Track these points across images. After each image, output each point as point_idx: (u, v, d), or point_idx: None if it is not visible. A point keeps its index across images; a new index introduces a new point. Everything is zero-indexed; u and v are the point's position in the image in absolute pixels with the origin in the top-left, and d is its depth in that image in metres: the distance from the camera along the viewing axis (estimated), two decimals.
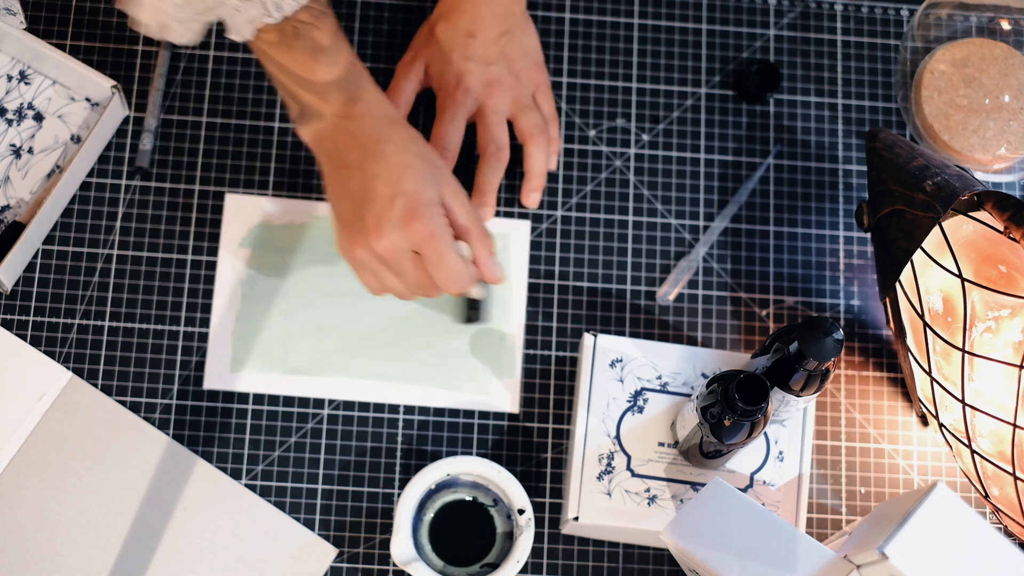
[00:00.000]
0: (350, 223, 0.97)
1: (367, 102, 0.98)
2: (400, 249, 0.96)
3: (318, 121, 0.98)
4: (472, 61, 1.13)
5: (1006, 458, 1.05)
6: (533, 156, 1.14)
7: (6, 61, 1.15)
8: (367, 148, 0.97)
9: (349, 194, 0.97)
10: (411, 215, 0.95)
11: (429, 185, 0.97)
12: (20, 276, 1.11)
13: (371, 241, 0.96)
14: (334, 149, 0.98)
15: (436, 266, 0.97)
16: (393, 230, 0.95)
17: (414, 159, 0.97)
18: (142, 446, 1.08)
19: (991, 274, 1.07)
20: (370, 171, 0.96)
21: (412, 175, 0.96)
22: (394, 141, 0.98)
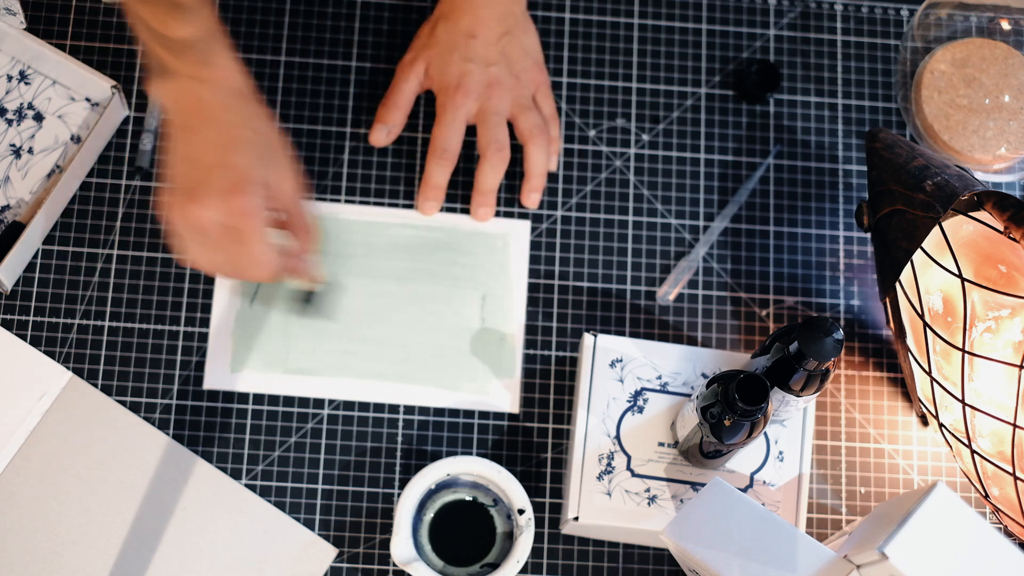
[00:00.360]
0: (176, 184, 0.95)
1: (219, 68, 0.96)
2: (213, 220, 0.93)
3: (169, 79, 0.96)
4: (472, 62, 1.13)
5: (1006, 458, 1.05)
6: (533, 156, 1.14)
7: (6, 61, 1.15)
8: (208, 114, 0.95)
9: (183, 156, 0.95)
10: (232, 188, 0.93)
11: (259, 163, 0.95)
12: (20, 276, 1.11)
13: (189, 206, 0.93)
14: (178, 110, 0.96)
15: (240, 247, 0.94)
16: (211, 199, 0.93)
17: (251, 135, 0.96)
18: (142, 446, 1.08)
19: (991, 274, 1.07)
20: (205, 136, 0.95)
21: (244, 149, 0.94)
22: (237, 112, 0.96)
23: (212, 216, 0.93)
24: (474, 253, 1.14)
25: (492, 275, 1.14)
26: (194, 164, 0.94)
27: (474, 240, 1.15)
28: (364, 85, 1.18)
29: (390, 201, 1.15)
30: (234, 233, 0.94)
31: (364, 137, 1.17)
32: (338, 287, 1.10)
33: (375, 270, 1.13)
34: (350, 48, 1.19)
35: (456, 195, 1.16)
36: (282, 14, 1.19)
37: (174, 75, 0.96)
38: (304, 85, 1.17)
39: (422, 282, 1.13)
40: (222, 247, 0.95)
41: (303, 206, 0.99)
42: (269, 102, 1.16)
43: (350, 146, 1.16)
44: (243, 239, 0.94)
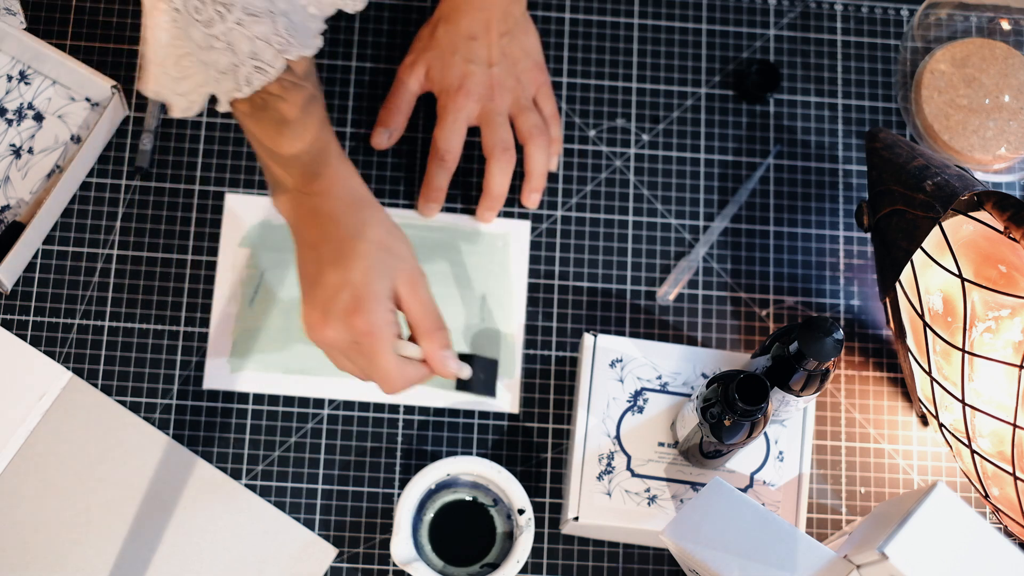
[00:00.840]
0: (309, 304, 0.96)
1: (329, 179, 0.96)
2: (343, 340, 0.95)
3: (284, 193, 0.98)
4: (474, 63, 1.13)
5: (1006, 458, 1.05)
6: (533, 156, 1.14)
7: (6, 61, 1.15)
8: (324, 229, 0.96)
9: (306, 275, 0.96)
10: (355, 309, 0.93)
11: (380, 277, 0.94)
12: (20, 276, 1.11)
13: (321, 329, 0.94)
14: (296, 224, 0.98)
15: (369, 365, 0.95)
16: (336, 321, 0.94)
17: (369, 247, 0.95)
18: (142, 446, 1.08)
19: (991, 274, 1.07)
20: (323, 254, 0.95)
21: (363, 265, 0.94)
22: (349, 225, 0.95)
23: (340, 337, 0.94)
24: (474, 253, 1.14)
25: (492, 275, 1.14)
26: (317, 285, 0.95)
27: (474, 240, 1.15)
28: (364, 85, 1.18)
29: (390, 201, 1.15)
30: (362, 353, 0.95)
31: (364, 137, 1.17)
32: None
33: None
34: (350, 48, 1.19)
35: (456, 195, 1.16)
36: None
37: (289, 190, 0.97)
38: None
39: None
40: (356, 361, 0.96)
41: (427, 304, 0.97)
42: None
43: (350, 146, 1.16)
44: (369, 359, 0.95)
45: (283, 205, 0.98)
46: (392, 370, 0.95)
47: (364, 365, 0.96)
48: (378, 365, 0.95)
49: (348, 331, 0.94)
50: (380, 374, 0.95)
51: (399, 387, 0.96)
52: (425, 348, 0.97)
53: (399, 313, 0.97)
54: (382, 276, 0.95)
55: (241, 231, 1.13)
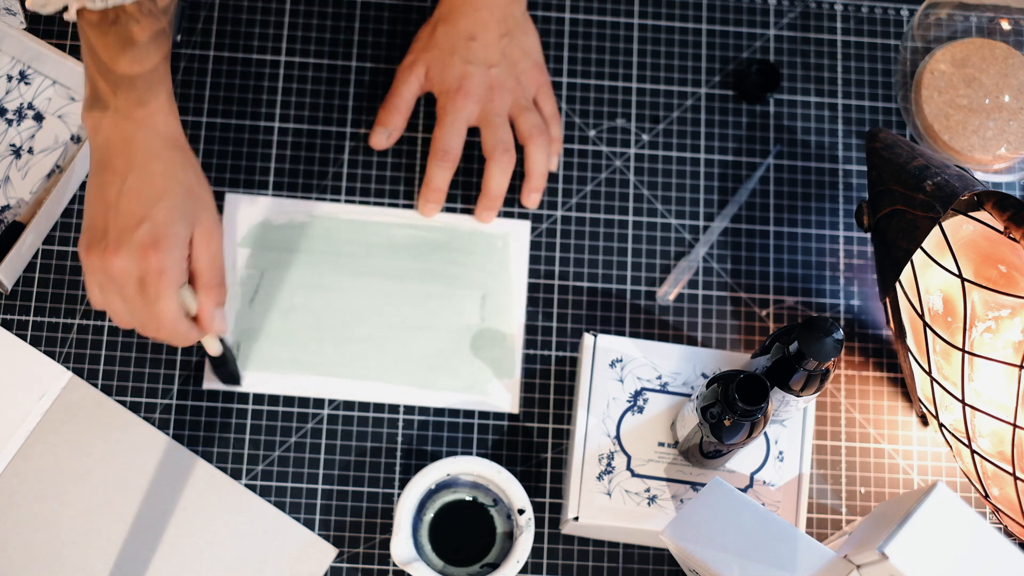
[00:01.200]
0: (94, 227, 0.94)
1: (155, 111, 0.95)
2: (130, 273, 0.93)
3: (101, 111, 0.95)
4: (473, 64, 1.13)
5: (1006, 458, 1.05)
6: (533, 157, 1.14)
7: (6, 61, 1.15)
8: (134, 159, 0.94)
9: (103, 198, 0.94)
10: (152, 244, 0.92)
11: (182, 219, 0.94)
12: (20, 276, 1.11)
13: (107, 254, 0.93)
14: (105, 147, 0.95)
15: (151, 304, 0.94)
16: (129, 252, 0.93)
17: (176, 187, 0.94)
18: (142, 446, 1.08)
19: (991, 274, 1.07)
20: (129, 184, 0.94)
21: (168, 203, 0.93)
22: (163, 160, 0.95)
23: (128, 269, 0.93)
24: (474, 253, 1.14)
25: (492, 275, 1.14)
26: (116, 211, 0.93)
27: (474, 240, 1.15)
28: (364, 85, 1.18)
29: (390, 201, 1.15)
30: (145, 291, 0.93)
31: (364, 137, 1.17)
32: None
33: (375, 270, 1.13)
34: (350, 48, 1.19)
35: (456, 195, 1.16)
36: (282, 14, 1.19)
37: (108, 109, 0.95)
38: (304, 85, 1.17)
39: (422, 282, 1.13)
40: (132, 301, 0.94)
41: (216, 258, 0.97)
42: (269, 102, 1.17)
43: (350, 146, 1.16)
44: (152, 298, 0.93)
45: (96, 122, 0.95)
46: (171, 316, 0.94)
47: (140, 306, 0.94)
48: (159, 307, 0.94)
49: (138, 265, 0.93)
50: (157, 317, 0.94)
51: (166, 336, 0.96)
52: (202, 300, 0.97)
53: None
54: (184, 220, 0.94)
55: (241, 231, 1.13)
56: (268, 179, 1.15)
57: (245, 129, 1.16)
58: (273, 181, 1.15)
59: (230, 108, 1.16)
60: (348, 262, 1.13)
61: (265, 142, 1.16)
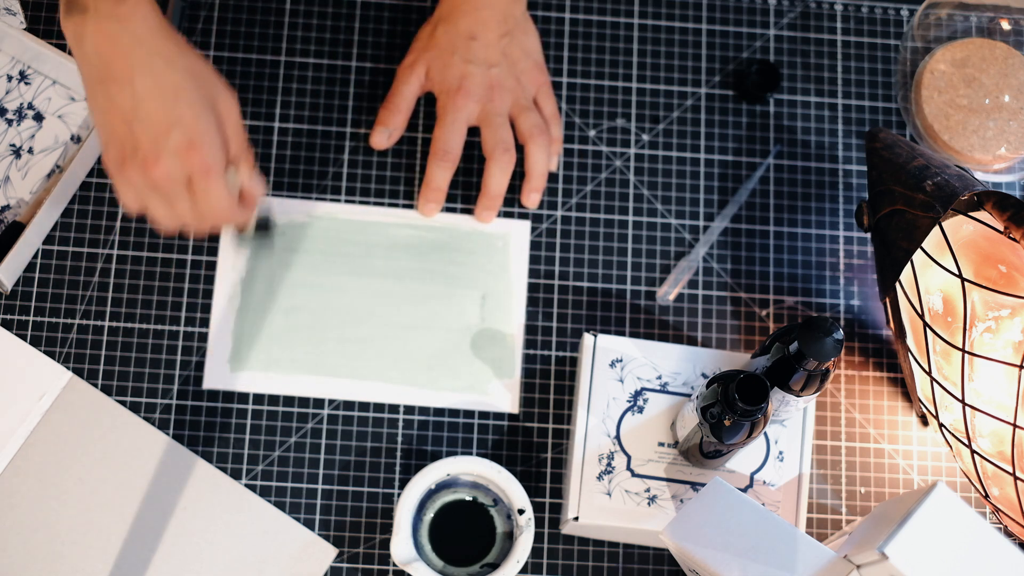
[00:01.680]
0: (120, 140, 0.92)
1: (134, 5, 0.90)
2: (176, 178, 0.92)
3: (80, 15, 0.90)
4: (473, 64, 1.13)
5: (1006, 458, 1.05)
6: (534, 156, 1.14)
7: (6, 61, 1.15)
8: (133, 60, 0.91)
9: (119, 110, 0.91)
10: (189, 145, 0.91)
11: (206, 111, 0.92)
12: (20, 276, 1.11)
13: (148, 166, 0.91)
14: (96, 55, 0.92)
15: (205, 199, 0.93)
16: (170, 158, 0.91)
17: (187, 78, 0.92)
18: (142, 446, 1.08)
19: (991, 274, 1.07)
20: (140, 89, 0.91)
21: (188, 98, 0.91)
22: (162, 54, 0.91)
23: (172, 174, 0.91)
24: (474, 253, 1.14)
25: (492, 275, 1.14)
26: (140, 121, 0.91)
27: (474, 240, 1.15)
28: (364, 85, 1.18)
29: (390, 201, 1.15)
30: (196, 188, 0.92)
31: (364, 137, 1.17)
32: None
33: (375, 270, 1.13)
34: (350, 48, 1.19)
35: (456, 195, 1.16)
36: (282, 14, 1.19)
37: (88, 12, 0.90)
38: (304, 85, 1.17)
39: (422, 282, 1.13)
40: (179, 202, 0.93)
41: (240, 126, 0.96)
42: (269, 102, 1.17)
43: (350, 146, 1.16)
44: (206, 193, 0.92)
45: (77, 27, 0.92)
46: (226, 205, 0.93)
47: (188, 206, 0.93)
48: (212, 201, 0.93)
49: (183, 167, 0.91)
50: (218, 207, 0.93)
51: (230, 219, 0.95)
52: (241, 172, 0.96)
53: None
54: (207, 108, 0.93)
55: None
56: (268, 179, 1.15)
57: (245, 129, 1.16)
58: (273, 181, 1.15)
59: None
60: (348, 262, 1.13)
61: (265, 142, 1.16)
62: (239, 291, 1.12)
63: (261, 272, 1.13)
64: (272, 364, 1.11)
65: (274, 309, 1.12)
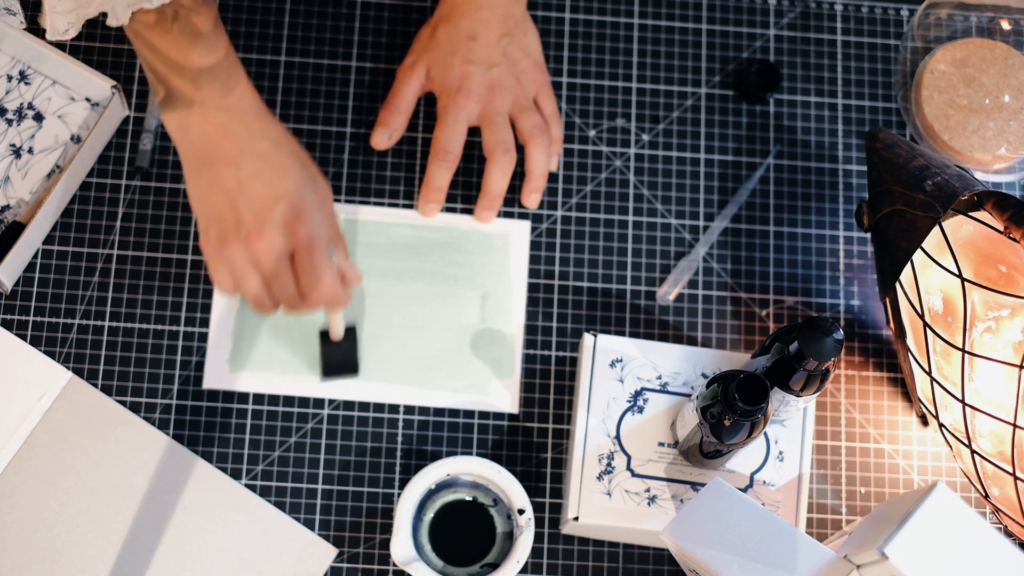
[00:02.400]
0: (222, 219, 0.94)
1: (242, 93, 0.95)
2: (279, 252, 0.94)
3: (186, 108, 0.94)
4: (474, 64, 1.13)
5: (1006, 458, 1.05)
6: (534, 157, 1.14)
7: (6, 61, 1.15)
8: (242, 143, 0.94)
9: (223, 190, 0.94)
10: (295, 218, 0.93)
11: (309, 188, 0.95)
12: (20, 276, 1.11)
13: (251, 239, 0.93)
14: (202, 141, 0.95)
15: (309, 274, 0.95)
16: (275, 231, 0.93)
17: (291, 159, 0.95)
18: (142, 446, 1.08)
19: (991, 274, 1.07)
20: (247, 169, 0.94)
21: (293, 176, 0.94)
22: (269, 138, 0.95)
23: (275, 247, 0.93)
24: (474, 253, 1.14)
25: (492, 275, 1.14)
26: (245, 198, 0.93)
27: (474, 240, 1.15)
28: (364, 85, 1.18)
29: (390, 201, 1.15)
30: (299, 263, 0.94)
31: (364, 137, 1.17)
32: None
33: (375, 270, 1.13)
34: (350, 48, 1.19)
35: (456, 195, 1.16)
36: (282, 14, 1.19)
37: (194, 105, 0.94)
38: (304, 85, 1.17)
39: (422, 282, 1.13)
40: (279, 279, 0.95)
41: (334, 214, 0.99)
42: (269, 102, 1.16)
43: (350, 146, 1.16)
44: (309, 267, 0.94)
45: (183, 120, 0.95)
46: (331, 280, 0.95)
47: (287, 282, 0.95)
48: (318, 274, 0.95)
49: (287, 240, 0.93)
50: (322, 282, 0.95)
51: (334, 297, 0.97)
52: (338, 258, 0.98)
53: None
54: (311, 185, 0.95)
55: None
56: None
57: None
58: None
59: None
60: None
61: None
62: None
63: None
64: (272, 364, 1.11)
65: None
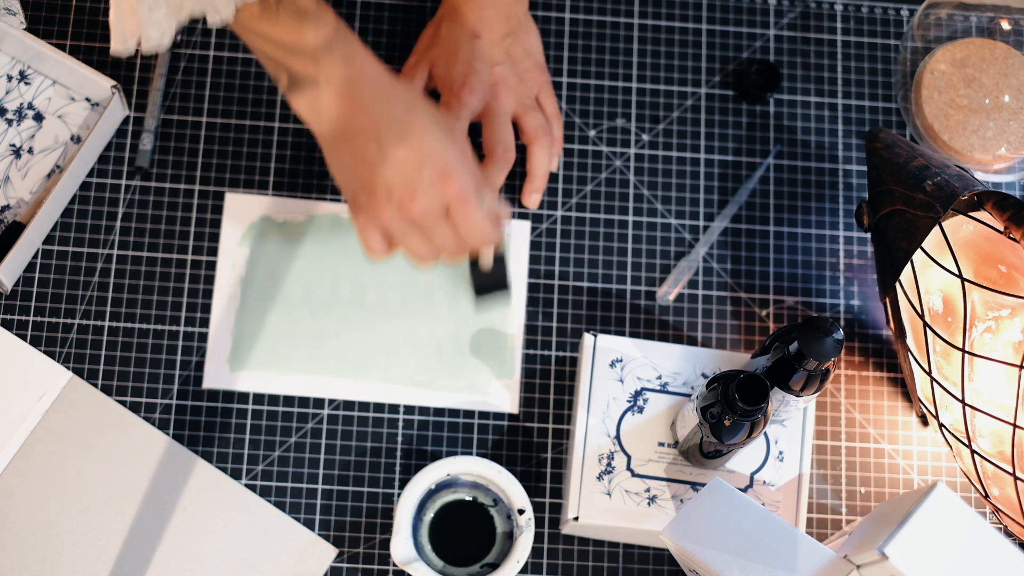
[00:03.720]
0: (371, 188, 0.95)
1: (362, 63, 0.94)
2: (436, 211, 0.94)
3: (312, 88, 0.94)
4: (478, 62, 1.13)
5: (1006, 458, 1.05)
6: (536, 157, 1.14)
7: (6, 61, 1.15)
8: (375, 112, 0.94)
9: (365, 160, 0.94)
10: (443, 176, 0.94)
11: (450, 142, 0.95)
12: (20, 276, 1.11)
13: (405, 204, 0.94)
14: (336, 116, 0.95)
15: (465, 224, 0.95)
16: (426, 192, 0.93)
17: (424, 116, 0.95)
18: (142, 446, 1.08)
19: (991, 274, 1.07)
20: (385, 137, 0.94)
21: (431, 134, 0.94)
22: (399, 99, 0.95)
23: (431, 207, 0.94)
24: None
25: None
26: (389, 165, 0.93)
27: None
28: None
29: None
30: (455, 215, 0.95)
31: None
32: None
33: (375, 270, 1.13)
34: None
35: None
36: None
37: (319, 83, 0.93)
38: None
39: (422, 282, 1.13)
40: (438, 233, 0.95)
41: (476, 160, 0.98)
42: (269, 102, 1.17)
43: None
44: (465, 218, 0.95)
45: (313, 102, 0.95)
46: (485, 226, 0.96)
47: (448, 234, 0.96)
48: (475, 223, 0.95)
49: (440, 198, 0.94)
50: (479, 229, 0.96)
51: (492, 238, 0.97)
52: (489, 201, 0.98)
53: None
54: (450, 139, 0.95)
55: (241, 231, 1.13)
56: (268, 179, 1.15)
57: (245, 129, 1.16)
58: (273, 181, 1.15)
59: (230, 108, 1.16)
60: (348, 262, 1.13)
61: (265, 142, 1.16)
62: (239, 291, 1.12)
63: (261, 272, 1.13)
64: (272, 364, 1.11)
65: (274, 309, 1.12)
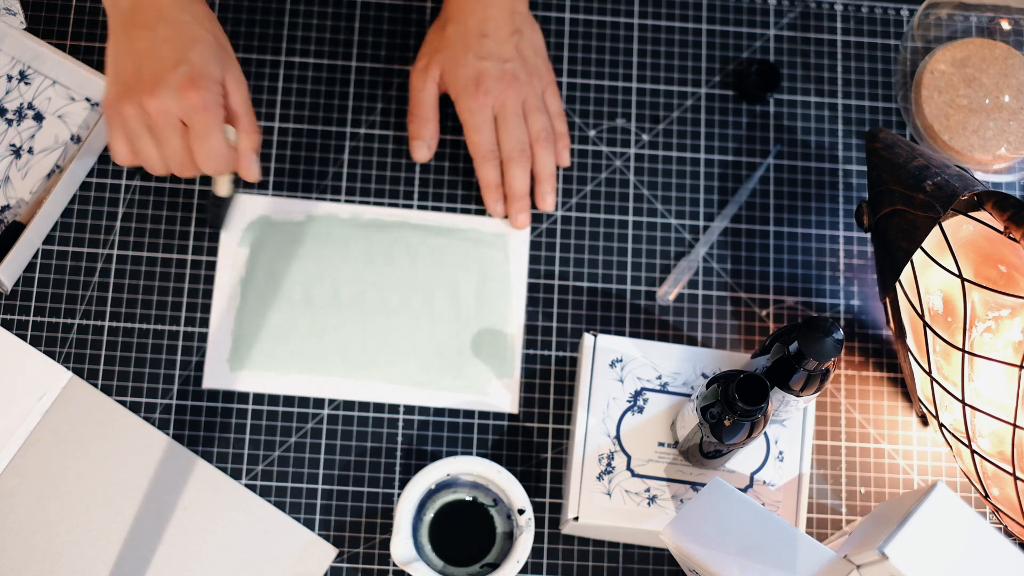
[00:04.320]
0: (125, 79, 0.97)
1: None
2: (171, 112, 0.96)
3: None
4: (488, 60, 1.13)
5: (1006, 458, 1.05)
6: (541, 158, 1.14)
7: (6, 61, 1.15)
8: (163, 12, 0.97)
9: (133, 52, 0.97)
10: (190, 83, 0.95)
11: (215, 62, 0.97)
12: (20, 276, 1.11)
13: (144, 97, 0.95)
14: (129, 7, 0.98)
15: (200, 140, 0.97)
16: (169, 92, 0.95)
17: (206, 35, 0.98)
18: (142, 446, 1.08)
19: (991, 274, 1.07)
20: (161, 34, 0.97)
21: (201, 48, 0.97)
22: (190, 12, 0.98)
23: (170, 109, 0.95)
24: (474, 253, 1.14)
25: (492, 275, 1.14)
26: (150, 59, 0.96)
27: (474, 240, 1.15)
28: (364, 85, 1.18)
29: (390, 201, 1.15)
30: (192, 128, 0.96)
31: (363, 137, 1.17)
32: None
33: (375, 270, 1.13)
34: (350, 48, 1.19)
35: (456, 195, 1.16)
36: (282, 14, 1.19)
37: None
38: (304, 85, 1.17)
39: (422, 282, 1.13)
40: (170, 142, 0.97)
41: (248, 103, 1.00)
42: (269, 102, 1.17)
43: (350, 146, 1.16)
44: (201, 133, 0.96)
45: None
46: (223, 146, 0.97)
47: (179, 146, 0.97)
48: (211, 140, 0.96)
49: (180, 103, 0.95)
50: (211, 149, 0.97)
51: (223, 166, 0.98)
52: (241, 141, 1.00)
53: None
54: (217, 63, 0.97)
55: (241, 231, 1.13)
56: (268, 179, 1.15)
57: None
58: (273, 181, 1.15)
59: None
60: (348, 262, 1.13)
61: (265, 142, 1.16)
62: (239, 291, 1.12)
63: (261, 272, 1.13)
64: (272, 364, 1.11)
65: (274, 309, 1.12)
